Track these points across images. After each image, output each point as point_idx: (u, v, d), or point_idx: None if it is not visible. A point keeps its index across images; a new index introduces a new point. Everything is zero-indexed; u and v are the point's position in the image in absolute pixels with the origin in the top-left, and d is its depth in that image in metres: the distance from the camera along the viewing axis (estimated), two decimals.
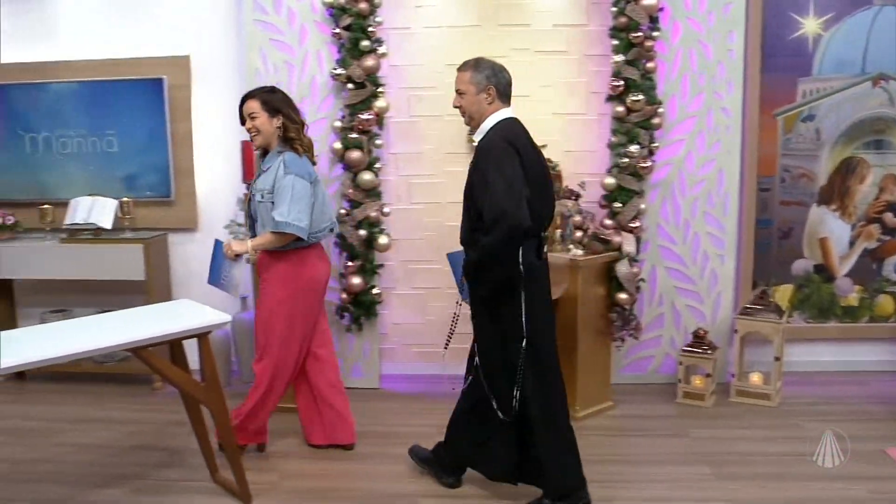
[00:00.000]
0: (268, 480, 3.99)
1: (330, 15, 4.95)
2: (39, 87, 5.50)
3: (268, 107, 3.97)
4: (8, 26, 5.64)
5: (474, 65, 3.56)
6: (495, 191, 3.27)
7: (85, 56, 5.50)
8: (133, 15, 5.49)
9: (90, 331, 3.54)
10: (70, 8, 5.56)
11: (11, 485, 4.07)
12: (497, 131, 3.46)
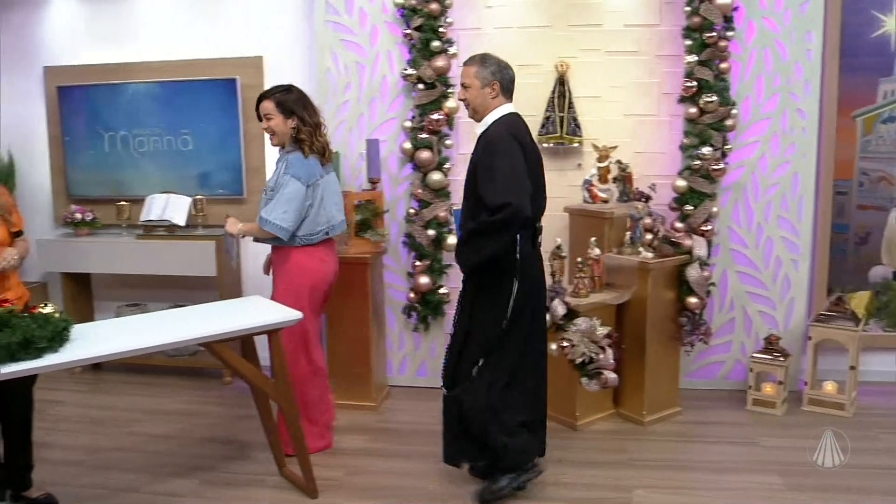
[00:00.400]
0: (334, 476, 4.03)
1: (401, 16, 4.98)
2: (118, 87, 5.65)
3: (282, 108, 4.06)
4: (89, 29, 5.82)
5: (480, 60, 3.67)
6: (501, 179, 3.39)
7: (162, 57, 5.65)
8: (208, 17, 5.61)
9: (164, 325, 3.62)
10: (149, 11, 5.71)
11: (88, 471, 4.21)
12: (501, 125, 3.59)
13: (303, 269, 4.14)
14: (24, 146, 6.03)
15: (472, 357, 3.68)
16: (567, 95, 5.02)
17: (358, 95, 5.14)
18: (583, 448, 4.34)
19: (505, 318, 3.61)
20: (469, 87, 3.65)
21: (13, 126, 6.05)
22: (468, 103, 3.69)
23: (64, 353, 3.11)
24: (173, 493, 3.92)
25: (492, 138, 3.54)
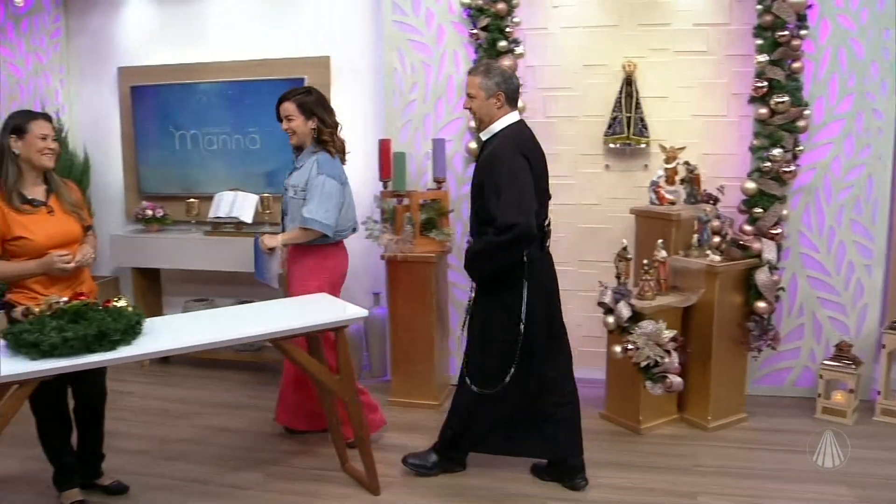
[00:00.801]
0: (396, 473, 4.05)
1: (468, 15, 4.98)
2: (189, 86, 5.77)
3: (303, 109, 4.16)
4: (162, 30, 5.95)
5: (485, 70, 3.72)
6: (508, 201, 3.47)
7: (231, 57, 5.74)
8: (277, 18, 5.68)
9: (232, 320, 3.70)
10: (219, 12, 5.82)
11: (158, 461, 4.31)
12: (507, 138, 3.65)
13: (325, 267, 4.25)
14: (99, 144, 6.21)
15: (498, 363, 3.72)
16: (634, 96, 4.98)
17: (424, 95, 5.17)
18: (646, 452, 4.29)
19: (521, 321, 3.66)
20: (474, 97, 3.70)
21: (88, 125, 6.23)
22: (473, 112, 3.76)
23: (136, 345, 3.20)
24: (238, 486, 3.99)
25: (498, 155, 3.60)
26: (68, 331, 3.02)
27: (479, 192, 3.70)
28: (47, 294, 3.47)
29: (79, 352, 3.03)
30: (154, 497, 3.89)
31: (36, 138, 3.52)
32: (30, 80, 5.94)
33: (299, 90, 4.25)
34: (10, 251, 3.50)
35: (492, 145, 3.70)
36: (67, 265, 3.52)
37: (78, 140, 6.14)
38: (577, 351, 5.20)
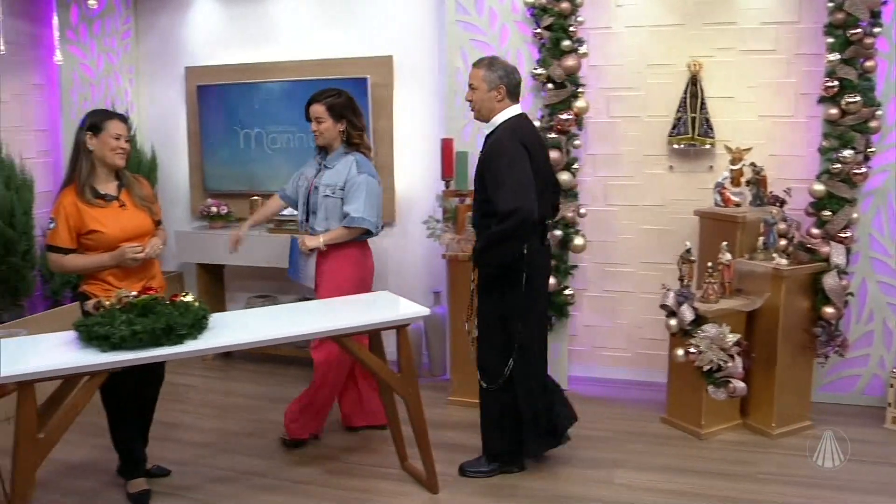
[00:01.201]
0: (455, 473, 4.05)
1: (531, 15, 4.97)
2: (254, 86, 5.85)
3: (333, 112, 4.20)
4: (228, 31, 6.05)
5: (488, 64, 3.82)
6: (508, 188, 3.58)
7: (295, 57, 5.81)
8: (341, 18, 5.73)
9: (295, 317, 3.74)
10: (284, 12, 5.89)
11: (219, 454, 4.39)
12: (507, 130, 3.75)
13: (360, 265, 4.33)
14: (166, 143, 6.34)
15: (503, 351, 3.87)
16: (699, 96, 4.91)
17: None
18: (707, 458, 4.22)
19: (523, 308, 3.80)
20: (476, 88, 3.81)
21: (156, 123, 6.36)
22: (474, 104, 3.86)
23: (202, 340, 3.26)
24: (298, 480, 4.04)
25: (497, 145, 3.71)
26: (137, 324, 3.09)
27: (480, 186, 3.80)
28: (120, 285, 3.60)
29: (147, 345, 3.10)
30: (215, 488, 3.96)
31: (110, 137, 3.63)
32: (101, 80, 6.08)
33: (329, 92, 4.27)
34: (84, 245, 3.62)
35: (492, 137, 3.79)
36: (138, 255, 3.63)
37: (146, 138, 6.28)
38: (637, 353, 5.22)
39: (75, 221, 3.58)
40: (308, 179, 4.35)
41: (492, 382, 3.93)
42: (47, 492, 3.86)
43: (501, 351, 3.88)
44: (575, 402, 4.93)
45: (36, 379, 3.02)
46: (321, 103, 4.21)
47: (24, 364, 3.04)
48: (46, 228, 3.67)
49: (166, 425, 4.70)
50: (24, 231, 5.13)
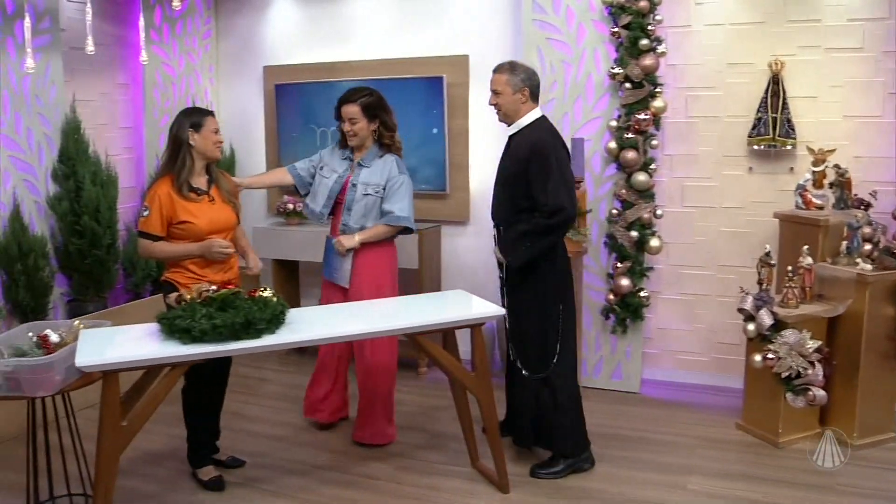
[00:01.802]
0: (525, 473, 4.04)
1: (608, 13, 4.92)
2: (330, 84, 5.91)
3: (367, 112, 4.23)
4: (305, 30, 6.14)
5: (510, 68, 3.97)
6: (557, 187, 3.76)
7: (371, 56, 5.86)
8: (417, 17, 5.77)
9: (369, 314, 3.77)
10: (361, 12, 5.96)
11: (291, 446, 4.46)
12: (544, 131, 3.92)
13: (393, 262, 4.43)
14: (244, 140, 6.46)
15: (545, 343, 3.92)
16: (781, 95, 4.79)
17: (563, 94, 5.13)
18: (783, 467, 4.11)
19: (563, 287, 3.96)
20: (500, 93, 3.95)
21: (235, 121, 6.49)
22: (499, 108, 3.98)
23: (279, 335, 3.31)
24: (370, 476, 4.07)
25: (543, 145, 3.84)
26: (217, 318, 3.16)
27: (514, 181, 3.90)
28: (202, 274, 3.76)
29: (226, 338, 3.17)
30: (287, 481, 4.03)
31: (210, 132, 3.83)
32: (182, 80, 6.22)
33: (362, 92, 4.28)
34: (173, 234, 3.78)
35: (526, 137, 3.91)
36: (226, 251, 3.78)
37: (224, 136, 6.34)
38: (713, 358, 5.13)
39: (168, 211, 3.74)
40: (337, 174, 4.35)
41: (537, 371, 3.95)
42: (127, 478, 3.97)
43: (541, 337, 3.93)
44: (648, 405, 4.93)
45: (120, 368, 3.12)
46: (355, 103, 4.23)
47: (109, 354, 3.14)
48: (139, 215, 3.85)
49: (241, 417, 4.81)
50: (109, 225, 5.28)
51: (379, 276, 4.32)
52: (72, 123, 5.23)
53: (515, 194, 3.92)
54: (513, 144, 3.99)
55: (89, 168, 5.21)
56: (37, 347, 3.40)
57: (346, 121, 4.25)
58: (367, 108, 4.23)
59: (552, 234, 3.83)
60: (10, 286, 4.87)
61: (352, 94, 4.27)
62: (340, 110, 4.28)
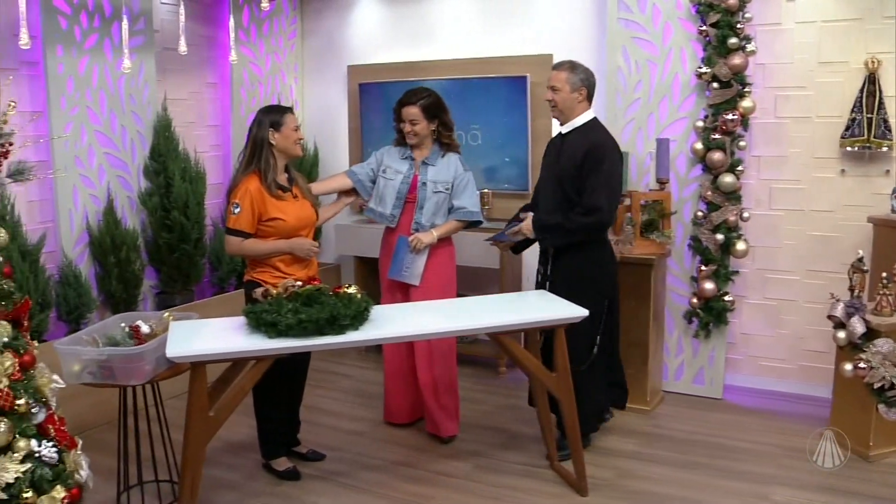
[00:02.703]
0: (605, 477, 4.00)
1: (696, 12, 4.83)
2: (413, 84, 5.90)
3: (427, 113, 4.30)
4: (389, 30, 6.20)
5: (570, 66, 4.06)
6: (602, 189, 3.89)
7: (455, 55, 5.87)
8: (501, 17, 5.76)
9: (451, 312, 3.78)
10: (444, 12, 5.98)
11: (369, 442, 4.52)
12: (600, 131, 4.06)
13: (454, 257, 4.54)
14: (327, 138, 6.56)
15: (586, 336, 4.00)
16: (877, 95, 4.62)
17: (648, 94, 5.06)
18: (873, 481, 3.96)
19: (604, 296, 4.05)
20: (559, 90, 4.02)
21: (318, 120, 6.59)
22: (555, 104, 4.06)
23: (363, 331, 3.35)
24: (447, 474, 4.09)
25: (603, 148, 3.95)
26: (303, 313, 3.21)
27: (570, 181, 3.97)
28: (289, 272, 3.82)
29: (311, 333, 3.22)
30: (365, 476, 4.07)
31: (290, 130, 3.87)
32: (268, 79, 6.34)
33: (421, 93, 4.34)
34: (261, 231, 3.83)
35: (582, 137, 4.00)
36: (315, 248, 3.90)
37: (308, 134, 6.50)
38: (799, 366, 4.99)
39: (259, 207, 3.79)
40: (402, 174, 4.39)
41: (581, 363, 3.99)
42: (210, 466, 4.06)
43: (583, 333, 3.95)
44: (730, 412, 4.83)
45: (208, 360, 3.19)
46: (416, 105, 4.30)
47: (198, 346, 3.22)
48: (229, 213, 3.84)
49: (319, 411, 4.89)
50: (197, 220, 5.42)
51: (447, 273, 4.44)
52: (163, 121, 5.38)
53: (570, 194, 3.99)
54: (566, 144, 4.06)
55: (179, 165, 5.36)
56: (129, 338, 3.51)
57: (407, 121, 4.33)
58: (426, 109, 4.30)
59: (582, 232, 3.96)
60: (103, 278, 5.04)
61: (411, 95, 4.34)
62: (400, 112, 4.36)
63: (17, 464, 2.80)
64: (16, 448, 2.83)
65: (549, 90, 4.06)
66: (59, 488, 2.90)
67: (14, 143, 3.04)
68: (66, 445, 3.05)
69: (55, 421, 3.06)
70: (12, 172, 3.09)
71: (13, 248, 4.27)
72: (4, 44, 4.53)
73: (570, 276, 4.06)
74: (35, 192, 4.76)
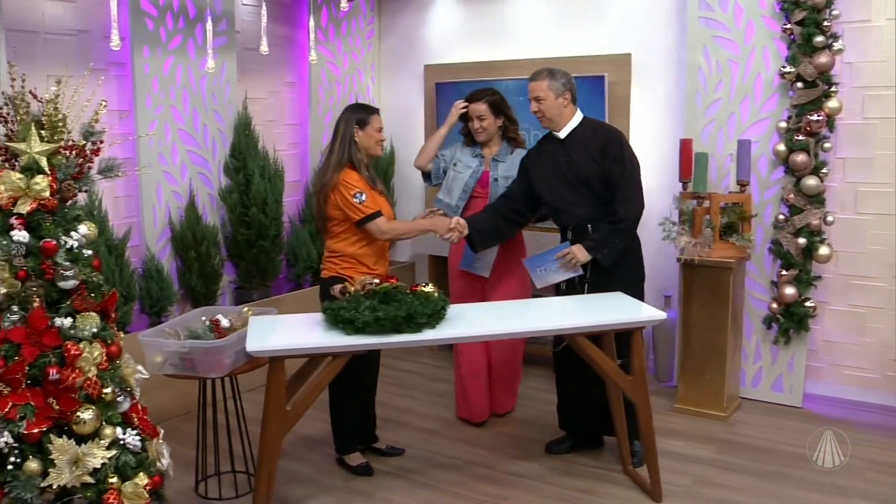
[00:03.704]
0: (680, 483, 3.94)
1: (780, 9, 4.71)
2: (490, 83, 5.89)
3: (494, 109, 4.49)
4: (466, 30, 6.21)
5: (549, 74, 4.03)
6: (632, 180, 3.97)
7: (532, 55, 5.84)
8: (579, 16, 5.71)
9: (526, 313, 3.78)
10: (522, 11, 5.95)
11: (443, 441, 4.53)
12: (602, 125, 4.20)
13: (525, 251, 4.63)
14: (403, 138, 6.59)
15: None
16: None
17: (728, 94, 4.95)
18: None
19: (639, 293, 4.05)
20: (543, 99, 4.00)
21: (395, 119, 6.63)
22: (543, 114, 4.04)
23: (439, 330, 3.36)
24: (519, 474, 4.08)
25: (616, 136, 4.05)
26: (380, 311, 3.24)
27: (594, 178, 4.00)
28: (375, 268, 3.94)
29: (388, 331, 3.25)
30: (438, 474, 4.08)
31: (374, 130, 4.02)
32: (345, 78, 6.41)
33: (486, 91, 4.53)
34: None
35: (589, 133, 4.04)
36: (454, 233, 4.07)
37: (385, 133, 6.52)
38: (885, 375, 4.85)
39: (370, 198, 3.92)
40: (471, 168, 4.56)
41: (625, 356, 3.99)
42: (285, 460, 4.12)
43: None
44: (811, 421, 4.70)
45: (287, 355, 3.25)
46: (483, 102, 4.48)
47: (277, 341, 3.27)
48: (354, 206, 3.87)
49: (392, 408, 4.93)
50: (275, 217, 5.51)
51: (517, 266, 4.48)
52: (243, 120, 5.49)
53: (598, 190, 4.02)
54: (571, 145, 4.06)
55: (258, 163, 5.45)
56: (209, 331, 3.60)
57: (475, 119, 4.50)
58: (493, 106, 4.49)
59: (629, 232, 4.03)
60: (183, 272, 5.17)
61: (478, 94, 4.53)
62: (467, 110, 4.53)
63: (103, 450, 2.88)
64: (102, 435, 2.91)
65: (534, 101, 4.05)
66: (142, 475, 2.97)
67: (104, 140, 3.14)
68: (149, 434, 3.13)
69: (139, 410, 3.13)
70: (103, 169, 3.18)
71: (100, 243, 4.41)
72: (96, 45, 4.68)
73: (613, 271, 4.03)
74: (121, 189, 4.91)
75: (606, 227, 3.96)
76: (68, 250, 2.92)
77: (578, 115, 4.09)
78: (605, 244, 3.94)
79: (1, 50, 4.12)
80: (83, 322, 2.94)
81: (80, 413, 2.85)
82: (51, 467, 2.79)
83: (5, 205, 2.86)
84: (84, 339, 2.92)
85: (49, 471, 2.79)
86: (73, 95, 3.00)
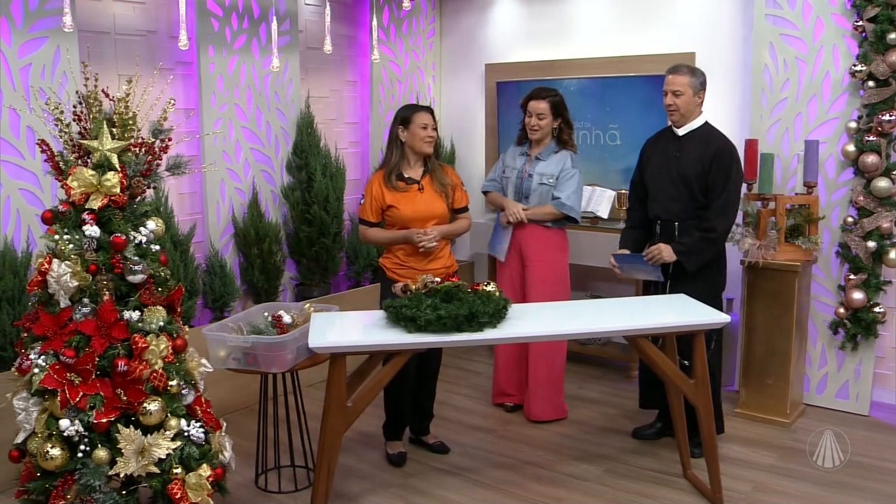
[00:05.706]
0: (741, 490, 3.88)
1: (851, 6, 4.60)
2: (551, 83, 5.88)
3: (554, 110, 4.55)
4: (527, 29, 6.19)
5: (690, 70, 4.15)
6: (732, 195, 4.04)
7: (594, 54, 5.80)
8: (643, 15, 5.64)
9: (590, 314, 3.76)
10: (583, 10, 5.91)
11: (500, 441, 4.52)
12: (721, 135, 4.16)
13: (565, 250, 4.72)
14: (464, 135, 6.61)
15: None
16: None
17: (795, 93, 4.85)
18: None
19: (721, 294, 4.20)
20: (682, 94, 4.09)
21: (456, 117, 6.65)
22: (677, 108, 4.12)
23: (500, 329, 3.36)
24: (577, 476, 4.05)
25: (729, 153, 4.07)
26: (442, 309, 3.25)
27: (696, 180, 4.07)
28: (404, 261, 4.08)
29: (449, 329, 3.26)
30: (494, 473, 4.08)
31: (418, 128, 4.06)
32: (406, 77, 6.44)
33: (550, 91, 4.59)
34: (386, 219, 4.11)
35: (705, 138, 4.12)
36: (417, 240, 4.00)
37: (445, 131, 6.56)
38: None
39: (378, 199, 4.11)
40: (517, 169, 4.69)
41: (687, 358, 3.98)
42: (343, 456, 4.14)
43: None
44: (878, 430, 4.59)
45: (348, 352, 3.28)
46: (546, 100, 4.53)
47: (338, 337, 3.31)
48: (360, 204, 4.20)
49: (450, 407, 4.95)
50: (336, 215, 5.57)
51: (560, 258, 4.68)
52: (306, 118, 5.55)
53: (696, 193, 4.10)
54: (686, 145, 4.15)
55: (320, 160, 5.51)
56: (271, 327, 3.65)
57: (534, 115, 4.55)
58: (554, 106, 4.55)
59: (718, 243, 4.09)
60: (246, 268, 5.25)
61: (540, 91, 4.59)
62: (528, 105, 4.59)
63: (168, 441, 2.96)
64: (167, 426, 2.99)
65: (671, 94, 4.12)
66: (205, 467, 3.04)
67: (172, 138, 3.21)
68: (212, 427, 3.19)
69: (202, 403, 3.20)
70: (170, 166, 3.26)
71: (167, 238, 4.51)
72: (163, 45, 4.79)
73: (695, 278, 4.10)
74: (186, 186, 5.00)
75: (696, 233, 4.05)
76: (137, 245, 2.99)
77: (703, 117, 4.19)
78: (693, 251, 4.04)
79: (74, 50, 4.23)
80: (150, 315, 3.01)
81: (147, 404, 2.92)
82: (118, 456, 2.87)
83: (78, 200, 2.95)
84: (151, 333, 3.00)
85: (116, 459, 2.87)
86: (143, 94, 3.07)
